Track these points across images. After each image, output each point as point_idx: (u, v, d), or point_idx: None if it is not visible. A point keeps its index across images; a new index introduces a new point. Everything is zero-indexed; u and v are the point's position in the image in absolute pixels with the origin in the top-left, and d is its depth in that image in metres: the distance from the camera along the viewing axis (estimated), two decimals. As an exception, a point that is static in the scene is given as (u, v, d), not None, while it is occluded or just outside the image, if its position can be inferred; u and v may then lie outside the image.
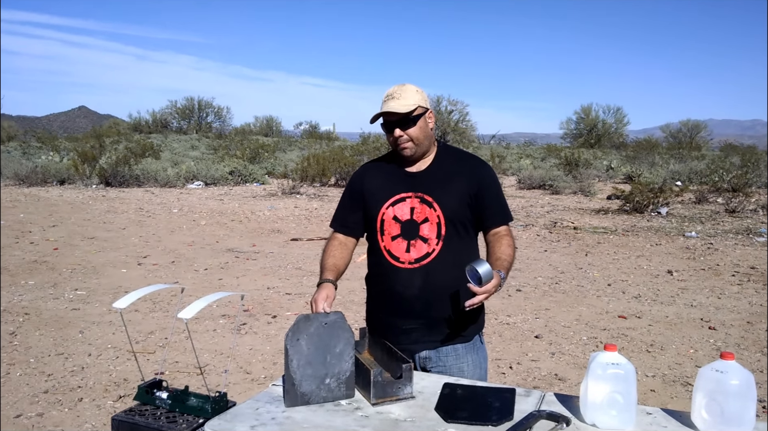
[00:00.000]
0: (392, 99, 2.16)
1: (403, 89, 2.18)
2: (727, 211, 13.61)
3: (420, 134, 2.18)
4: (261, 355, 4.92)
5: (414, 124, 2.16)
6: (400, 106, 2.14)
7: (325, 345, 1.84)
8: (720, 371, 1.59)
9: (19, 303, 6.18)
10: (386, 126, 2.19)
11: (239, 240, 10.25)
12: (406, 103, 2.14)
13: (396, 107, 2.13)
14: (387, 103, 2.16)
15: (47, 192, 16.68)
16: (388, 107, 2.15)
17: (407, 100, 2.15)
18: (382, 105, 2.18)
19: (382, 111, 2.16)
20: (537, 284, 7.37)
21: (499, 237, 2.23)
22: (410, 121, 2.16)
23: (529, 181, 19.78)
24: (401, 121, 2.15)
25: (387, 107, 2.15)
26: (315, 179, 18.88)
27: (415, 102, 2.15)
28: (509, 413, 1.73)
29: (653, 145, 36.99)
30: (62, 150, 27.70)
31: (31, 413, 3.82)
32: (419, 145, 2.19)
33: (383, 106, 2.17)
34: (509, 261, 2.17)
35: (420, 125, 2.17)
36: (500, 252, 2.18)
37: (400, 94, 2.16)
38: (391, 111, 2.13)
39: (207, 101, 48.46)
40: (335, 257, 2.26)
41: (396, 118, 2.15)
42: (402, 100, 2.15)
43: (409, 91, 2.18)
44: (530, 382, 4.44)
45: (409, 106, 2.14)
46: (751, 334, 5.52)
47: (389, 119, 2.16)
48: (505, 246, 2.20)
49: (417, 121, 2.17)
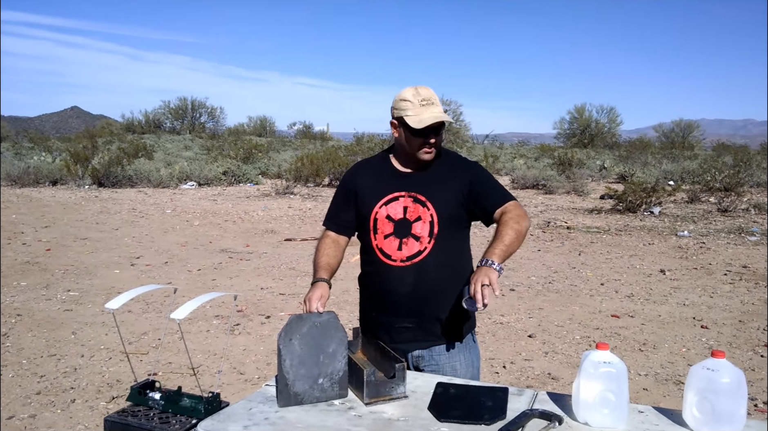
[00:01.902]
0: (433, 105, 2.15)
1: (432, 94, 2.17)
2: (720, 210, 13.68)
3: (440, 142, 2.24)
4: (254, 356, 4.91)
5: (441, 132, 2.21)
6: (445, 115, 2.16)
7: (318, 345, 1.85)
8: (711, 369, 1.60)
9: (11, 305, 6.15)
10: (422, 132, 2.14)
11: (233, 240, 10.23)
12: (443, 111, 2.18)
13: (445, 117, 2.15)
14: (431, 109, 2.13)
15: (39, 192, 16.60)
16: (436, 114, 2.12)
17: (440, 107, 2.18)
18: (423, 111, 2.12)
19: (435, 120, 2.11)
20: (530, 283, 7.38)
21: (504, 220, 2.10)
22: (443, 128, 2.20)
23: (522, 181, 19.83)
24: (439, 128, 2.17)
25: (435, 114, 2.12)
26: (309, 179, 18.86)
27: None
28: (502, 412, 1.73)
29: (646, 144, 37.11)
30: (54, 150, 27.56)
31: (24, 414, 3.81)
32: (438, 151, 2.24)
33: (427, 112, 2.12)
34: (506, 242, 2.02)
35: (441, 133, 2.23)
36: (499, 235, 2.05)
37: (435, 99, 2.17)
38: (444, 120, 2.14)
39: (200, 101, 48.31)
40: (329, 256, 2.26)
41: (438, 124, 2.15)
42: (439, 106, 2.17)
43: (436, 96, 2.19)
44: (523, 381, 4.45)
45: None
46: (743, 333, 5.56)
47: (434, 125, 2.14)
48: (505, 228, 2.06)
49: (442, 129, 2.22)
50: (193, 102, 47.95)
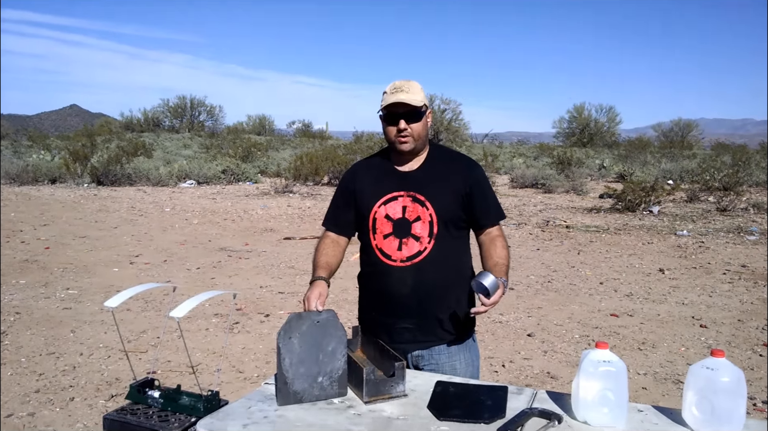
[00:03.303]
0: (401, 91, 2.14)
1: (410, 84, 2.17)
2: (719, 209, 13.69)
3: (422, 131, 2.18)
4: (254, 354, 4.91)
5: (419, 119, 2.16)
6: (411, 99, 2.12)
7: (318, 343, 1.84)
8: (710, 368, 1.60)
9: (10, 303, 6.14)
10: (390, 118, 2.16)
11: (232, 239, 10.22)
12: (415, 97, 2.13)
13: (407, 99, 2.12)
14: (396, 94, 2.13)
15: (38, 191, 16.58)
16: (398, 98, 2.12)
17: (416, 95, 2.14)
18: (389, 96, 2.15)
19: (393, 101, 2.12)
20: (529, 283, 7.38)
21: (492, 238, 2.23)
22: (416, 115, 2.15)
23: (521, 180, 19.82)
24: (408, 114, 2.14)
25: (397, 98, 2.12)
26: (308, 178, 18.84)
27: (422, 98, 2.15)
28: (501, 411, 1.73)
29: (645, 144, 37.10)
30: (53, 149, 27.52)
31: (23, 413, 3.80)
32: (418, 141, 2.18)
33: (391, 97, 2.14)
34: (506, 264, 2.18)
35: (423, 122, 2.18)
36: (496, 256, 2.18)
37: (408, 88, 2.15)
38: (403, 101, 2.12)
39: (199, 100, 48.16)
40: (327, 255, 2.25)
41: (405, 110, 2.13)
42: (411, 93, 2.14)
43: (416, 87, 2.17)
44: (523, 380, 4.45)
45: (418, 101, 2.13)
46: (741, 332, 5.56)
47: (397, 111, 2.14)
48: (500, 248, 2.20)
49: (422, 117, 2.17)
50: (192, 100, 47.86)
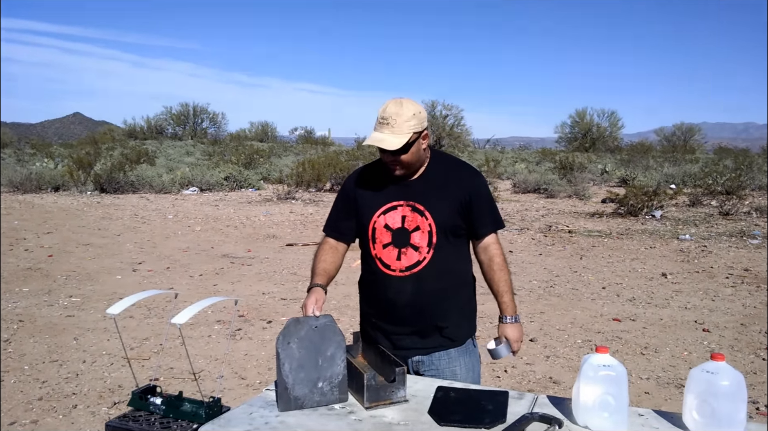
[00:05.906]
0: (386, 126, 2.06)
1: (399, 114, 2.06)
2: (721, 213, 13.66)
3: (412, 158, 2.13)
4: (256, 361, 4.91)
5: (406, 151, 2.10)
6: (392, 141, 2.05)
7: (317, 348, 1.85)
8: (711, 372, 1.61)
9: (13, 310, 6.16)
10: (379, 150, 2.12)
11: (234, 245, 10.24)
12: (400, 135, 2.05)
13: (387, 144, 2.05)
14: (381, 131, 2.07)
15: (42, 199, 16.62)
16: (379, 140, 2.06)
17: (401, 129, 2.05)
18: (377, 127, 2.09)
19: (373, 143, 2.07)
20: (532, 287, 7.38)
21: (489, 257, 2.23)
22: (403, 150, 2.09)
23: (524, 185, 19.81)
24: (394, 150, 2.08)
25: (379, 140, 2.06)
26: (310, 184, 18.86)
27: (409, 130, 2.06)
28: (502, 416, 1.74)
29: (647, 148, 37.09)
30: (57, 156, 27.60)
31: (26, 420, 3.81)
32: (410, 167, 2.16)
33: (377, 129, 2.08)
34: (511, 289, 2.23)
35: (413, 151, 2.11)
36: (500, 284, 2.23)
37: (395, 121, 2.05)
38: (382, 147, 2.07)
39: (202, 107, 48.29)
40: (326, 262, 2.26)
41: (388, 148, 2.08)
42: (396, 128, 2.05)
43: (405, 116, 2.06)
44: (525, 385, 4.45)
45: (400, 142, 2.05)
46: (744, 336, 5.55)
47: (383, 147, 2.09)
48: (500, 272, 2.22)
49: (410, 148, 2.10)
50: (194, 108, 47.99)
